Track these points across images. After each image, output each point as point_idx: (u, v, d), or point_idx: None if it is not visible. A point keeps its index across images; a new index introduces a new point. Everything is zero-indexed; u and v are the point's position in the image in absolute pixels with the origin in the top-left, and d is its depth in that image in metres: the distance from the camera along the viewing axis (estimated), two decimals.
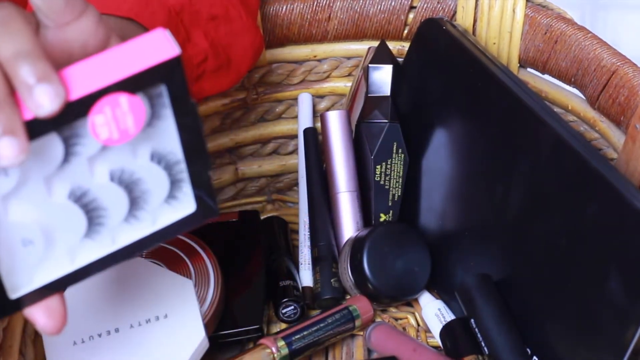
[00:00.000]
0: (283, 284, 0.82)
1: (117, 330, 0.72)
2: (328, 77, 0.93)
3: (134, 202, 0.54)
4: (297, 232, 0.89)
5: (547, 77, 0.85)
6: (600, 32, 0.81)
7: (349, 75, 0.92)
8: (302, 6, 0.89)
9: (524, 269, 0.74)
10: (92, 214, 0.53)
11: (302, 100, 0.92)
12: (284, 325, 0.81)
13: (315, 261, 0.84)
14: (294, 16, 0.89)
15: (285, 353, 0.76)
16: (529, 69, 0.86)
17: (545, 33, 0.83)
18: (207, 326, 0.74)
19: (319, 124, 0.90)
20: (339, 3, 0.89)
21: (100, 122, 0.49)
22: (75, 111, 0.48)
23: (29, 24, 0.49)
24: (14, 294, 0.52)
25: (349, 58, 0.92)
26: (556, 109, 0.84)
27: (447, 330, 0.76)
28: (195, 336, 0.72)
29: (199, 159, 0.54)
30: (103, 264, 0.55)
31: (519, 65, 0.86)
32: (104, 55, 0.49)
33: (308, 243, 0.86)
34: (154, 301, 0.73)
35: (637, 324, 0.63)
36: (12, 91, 0.48)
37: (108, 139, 0.50)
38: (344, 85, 0.93)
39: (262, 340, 0.76)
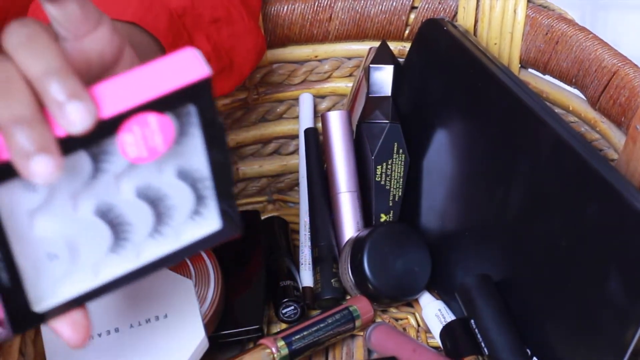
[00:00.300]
0: (283, 284, 0.82)
1: (117, 330, 0.72)
2: (329, 77, 0.93)
3: (159, 218, 0.54)
4: (297, 232, 0.89)
5: (548, 77, 0.85)
6: (600, 32, 0.81)
7: (350, 75, 0.92)
8: (303, 6, 0.89)
9: (524, 270, 0.74)
10: (117, 229, 0.53)
11: (303, 101, 0.92)
12: (284, 326, 0.81)
13: (316, 261, 0.84)
14: (295, 16, 0.89)
15: (285, 353, 0.75)
16: (530, 70, 0.86)
17: (547, 34, 0.83)
18: (207, 326, 0.74)
19: (319, 124, 0.90)
20: (340, 3, 0.89)
21: (129, 140, 0.49)
22: (105, 129, 0.48)
23: (55, 39, 0.48)
24: (37, 306, 0.52)
25: (350, 58, 0.92)
26: (557, 110, 0.84)
27: (447, 331, 0.76)
28: (195, 336, 0.72)
29: (225, 176, 0.54)
30: (127, 279, 0.55)
31: (520, 65, 0.86)
32: (134, 74, 0.49)
33: (308, 243, 0.86)
34: (154, 301, 0.73)
35: (637, 324, 0.63)
36: (43, 108, 0.47)
37: (137, 157, 0.50)
38: (345, 85, 0.93)
39: (262, 341, 0.76)
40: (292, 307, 0.81)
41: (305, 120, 0.91)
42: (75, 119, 0.47)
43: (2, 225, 0.49)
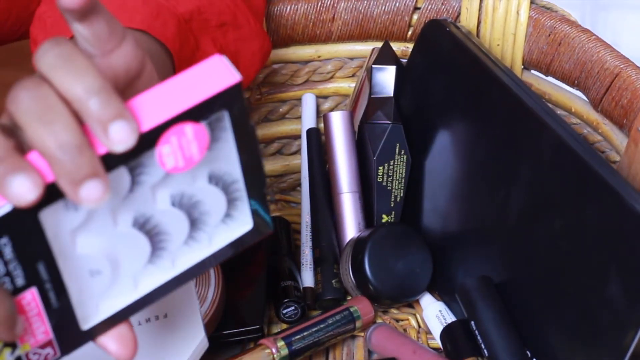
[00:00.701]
0: (284, 284, 0.82)
1: None
2: (332, 77, 0.93)
3: (194, 224, 0.54)
4: (299, 232, 0.89)
5: (550, 79, 0.85)
6: (600, 32, 0.81)
7: (353, 75, 0.92)
8: (306, 6, 0.89)
9: (525, 271, 0.74)
10: (155, 239, 0.53)
11: (306, 101, 0.92)
12: (284, 326, 0.81)
13: (317, 262, 0.84)
14: (298, 16, 0.90)
15: (285, 353, 0.75)
16: (532, 71, 0.86)
17: (549, 35, 0.83)
18: (207, 326, 0.74)
19: (322, 125, 0.90)
20: (343, 4, 0.89)
21: (166, 152, 0.49)
22: (144, 143, 0.48)
23: (92, 61, 0.48)
24: (85, 325, 0.52)
25: (353, 59, 0.92)
26: (559, 111, 0.84)
27: (447, 332, 0.76)
28: (195, 336, 0.72)
29: (257, 177, 0.54)
30: (164, 289, 0.55)
31: (522, 67, 0.86)
32: (166, 85, 0.49)
33: (310, 243, 0.86)
34: None
35: (636, 328, 0.63)
36: (84, 128, 0.47)
37: (174, 167, 0.50)
38: (347, 85, 0.93)
39: (262, 341, 0.76)
40: (293, 308, 0.81)
41: (308, 120, 0.91)
42: (120, 138, 0.46)
43: (49, 247, 0.49)
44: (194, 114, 0.49)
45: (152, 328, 0.72)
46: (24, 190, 0.45)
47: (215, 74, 0.50)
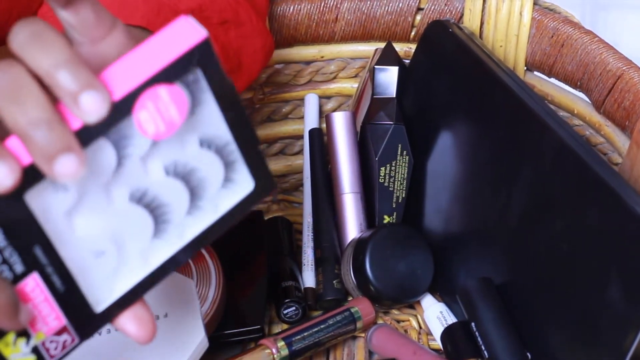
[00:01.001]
0: (285, 285, 0.82)
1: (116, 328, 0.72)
2: (335, 78, 0.93)
3: (194, 193, 0.54)
4: (301, 232, 0.89)
5: (553, 80, 0.85)
6: (600, 32, 0.81)
7: (356, 76, 0.92)
8: (309, 7, 0.89)
9: (526, 273, 0.73)
10: (156, 213, 0.53)
11: (309, 101, 0.92)
12: (285, 326, 0.81)
13: (318, 262, 0.84)
14: (301, 17, 0.90)
15: (285, 354, 0.75)
16: (535, 72, 0.86)
17: (552, 36, 0.83)
18: (207, 326, 0.74)
19: (324, 125, 0.90)
20: (346, 4, 0.89)
21: (145, 117, 0.49)
22: (119, 112, 0.49)
23: (62, 35, 0.49)
24: (99, 307, 0.52)
25: (355, 59, 0.92)
26: (562, 113, 0.84)
27: (448, 334, 0.76)
28: (195, 336, 0.72)
29: (247, 135, 0.54)
30: (176, 261, 0.54)
31: (525, 68, 0.86)
32: (135, 53, 0.49)
33: (311, 244, 0.86)
34: (155, 300, 0.73)
35: (637, 330, 0.63)
36: (56, 104, 0.48)
37: (156, 133, 0.50)
38: (350, 86, 0.93)
39: (262, 341, 0.76)
40: (294, 308, 0.81)
41: (311, 120, 0.91)
42: (91, 108, 0.47)
43: (42, 229, 0.49)
44: (166, 76, 0.49)
45: None
46: (0, 177, 0.46)
47: (182, 34, 0.50)
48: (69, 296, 0.51)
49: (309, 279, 0.84)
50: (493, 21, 0.85)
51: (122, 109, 0.49)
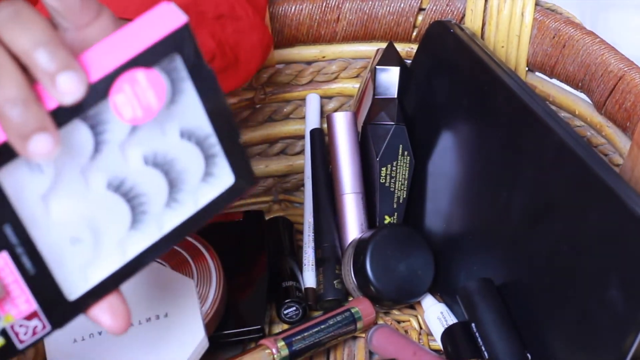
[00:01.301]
0: (286, 285, 0.82)
1: None
2: (336, 78, 0.93)
3: (173, 185, 0.54)
4: (302, 232, 0.89)
5: (554, 81, 0.85)
6: (600, 32, 0.81)
7: (358, 76, 0.92)
8: (311, 7, 0.89)
9: (526, 274, 0.73)
10: (133, 202, 0.53)
11: (310, 101, 0.92)
12: (285, 326, 0.81)
13: (319, 262, 0.84)
14: (302, 17, 0.89)
15: (286, 354, 0.75)
16: (536, 73, 0.86)
17: (554, 37, 0.83)
18: (207, 326, 0.74)
19: (326, 125, 0.90)
20: (348, 4, 0.89)
21: (121, 101, 0.49)
22: (95, 94, 0.48)
23: (42, 16, 0.49)
24: (72, 295, 0.52)
25: (357, 59, 0.92)
26: (563, 114, 0.84)
27: (448, 334, 0.76)
28: (195, 335, 0.72)
29: (228, 128, 0.54)
30: (153, 252, 0.54)
31: (526, 69, 0.86)
32: (114, 36, 0.49)
33: (312, 244, 0.86)
34: (155, 300, 0.73)
35: (637, 331, 0.63)
36: (32, 82, 0.48)
37: (132, 117, 0.50)
38: (352, 86, 0.93)
39: (262, 341, 0.76)
40: (294, 308, 0.81)
41: (312, 120, 0.91)
42: (67, 88, 0.47)
43: (13, 208, 0.49)
44: (144, 60, 0.49)
45: (152, 327, 0.72)
46: None
47: (162, 19, 0.50)
48: (41, 281, 0.51)
49: (309, 279, 0.84)
50: (495, 22, 0.85)
51: (98, 91, 0.49)
